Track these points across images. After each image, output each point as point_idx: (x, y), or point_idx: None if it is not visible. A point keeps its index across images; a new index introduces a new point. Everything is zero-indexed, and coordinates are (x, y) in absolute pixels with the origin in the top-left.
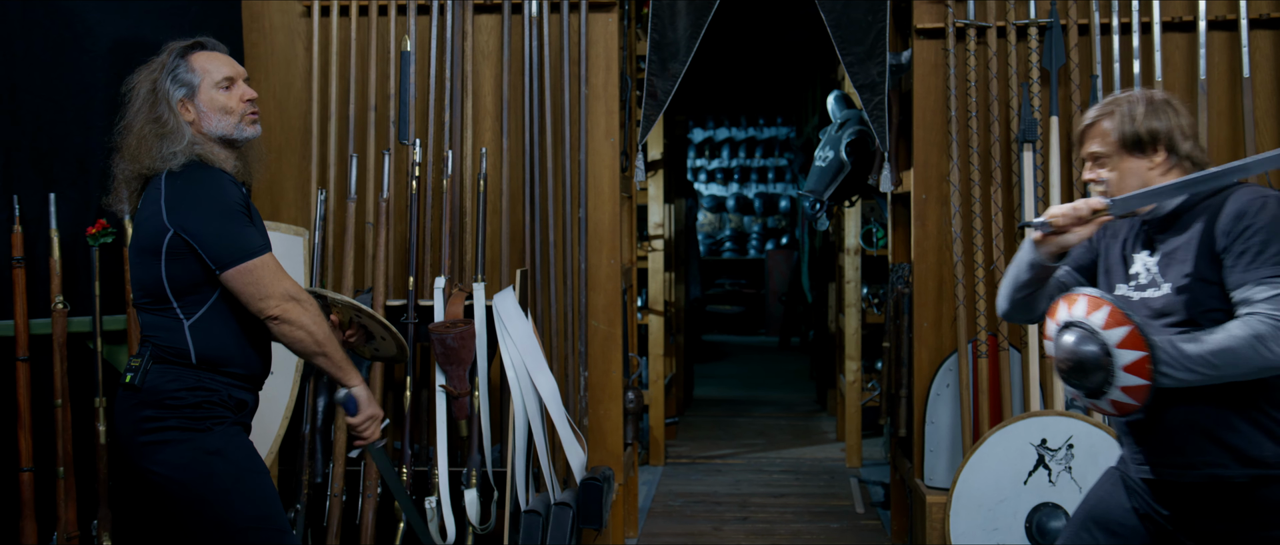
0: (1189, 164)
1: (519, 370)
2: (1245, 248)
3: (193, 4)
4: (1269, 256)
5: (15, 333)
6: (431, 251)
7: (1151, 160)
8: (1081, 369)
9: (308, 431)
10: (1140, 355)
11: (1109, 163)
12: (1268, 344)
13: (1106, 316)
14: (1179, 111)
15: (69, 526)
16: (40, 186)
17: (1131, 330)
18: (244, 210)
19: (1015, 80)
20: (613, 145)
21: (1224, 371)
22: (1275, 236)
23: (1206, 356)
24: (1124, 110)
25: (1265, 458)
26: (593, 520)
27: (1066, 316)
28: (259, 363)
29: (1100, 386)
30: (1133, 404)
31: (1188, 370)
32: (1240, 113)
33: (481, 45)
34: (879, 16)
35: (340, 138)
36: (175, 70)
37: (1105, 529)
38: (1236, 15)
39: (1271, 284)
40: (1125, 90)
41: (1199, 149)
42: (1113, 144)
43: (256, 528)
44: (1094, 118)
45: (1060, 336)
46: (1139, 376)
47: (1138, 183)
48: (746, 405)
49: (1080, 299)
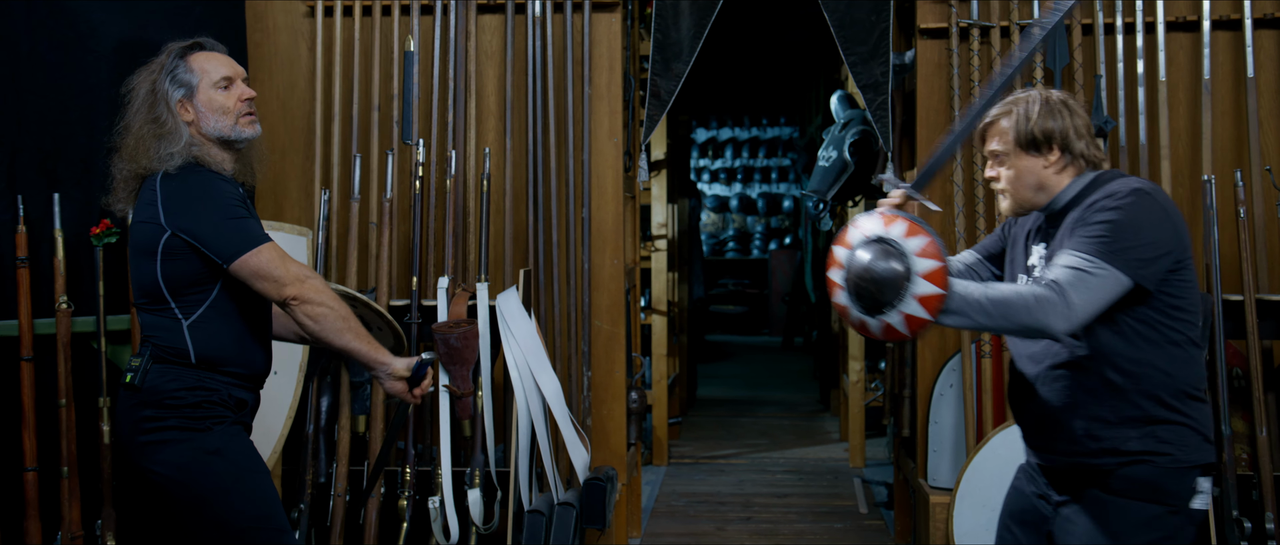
0: (1083, 163)
1: (522, 370)
2: (1086, 227)
3: (197, 4)
4: (1095, 236)
5: (19, 332)
6: (435, 251)
7: (1047, 159)
8: (878, 282)
9: (311, 431)
10: (937, 265)
11: (1006, 161)
12: (1044, 308)
13: (906, 229)
14: (1075, 112)
15: (73, 526)
16: (44, 187)
17: (929, 241)
18: (241, 205)
19: (1019, 81)
20: (616, 145)
21: (997, 321)
22: (1114, 224)
23: (985, 300)
24: (1021, 110)
25: (1126, 447)
26: (596, 520)
27: (861, 236)
28: (259, 361)
29: (893, 299)
30: (924, 318)
31: (966, 302)
32: (1244, 112)
33: (485, 45)
34: (882, 16)
35: (344, 138)
36: (174, 71)
37: (1020, 523)
38: (1240, 15)
39: (1078, 255)
40: (1027, 88)
41: (1095, 148)
42: (1010, 142)
43: (256, 527)
44: (994, 116)
45: (857, 252)
46: (935, 285)
47: (1033, 182)
48: (750, 405)
49: (874, 217)
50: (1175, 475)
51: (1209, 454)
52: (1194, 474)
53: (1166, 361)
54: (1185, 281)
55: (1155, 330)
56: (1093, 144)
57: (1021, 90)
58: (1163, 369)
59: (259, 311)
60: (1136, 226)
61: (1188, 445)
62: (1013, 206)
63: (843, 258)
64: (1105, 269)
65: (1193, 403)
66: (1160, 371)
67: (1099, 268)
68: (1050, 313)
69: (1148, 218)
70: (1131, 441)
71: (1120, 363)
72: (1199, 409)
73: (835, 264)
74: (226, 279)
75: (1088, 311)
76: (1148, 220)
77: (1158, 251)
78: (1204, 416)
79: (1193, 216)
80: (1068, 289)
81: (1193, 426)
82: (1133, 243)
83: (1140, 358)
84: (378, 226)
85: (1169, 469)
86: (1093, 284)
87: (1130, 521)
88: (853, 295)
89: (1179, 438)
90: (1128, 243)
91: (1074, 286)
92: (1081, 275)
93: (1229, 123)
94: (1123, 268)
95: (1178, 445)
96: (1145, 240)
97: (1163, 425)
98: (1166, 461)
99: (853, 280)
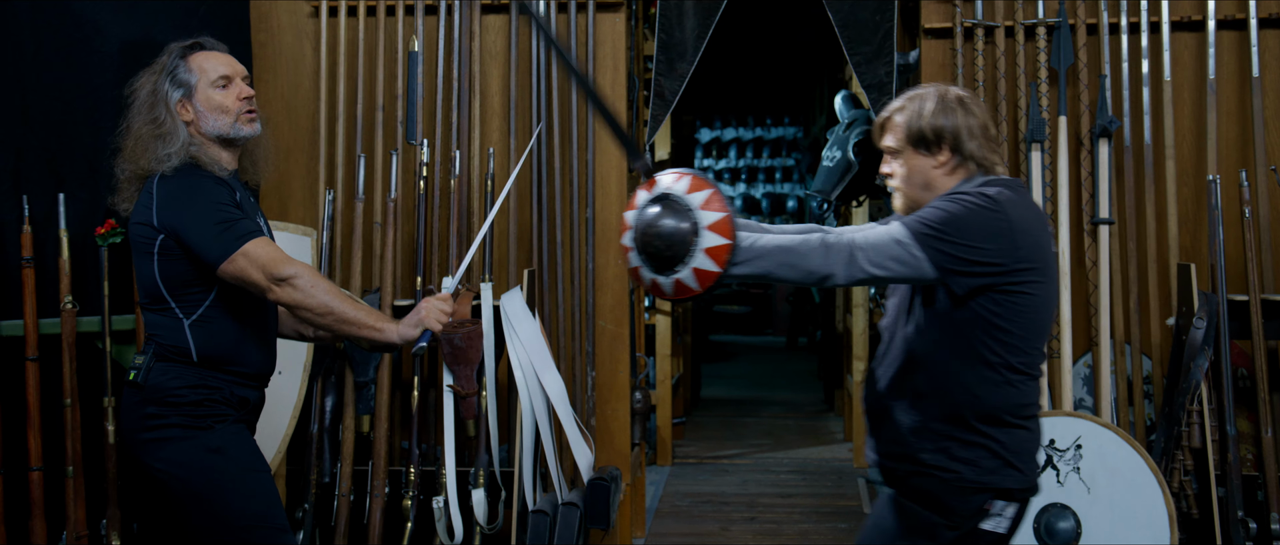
0: (973, 165)
1: (526, 370)
2: (925, 209)
3: (201, 4)
4: (923, 220)
5: (24, 332)
6: (439, 251)
7: (937, 158)
8: (666, 238)
9: (315, 431)
10: (722, 215)
11: (899, 157)
12: (829, 254)
13: (689, 184)
14: (971, 111)
15: (78, 526)
16: (50, 187)
17: (712, 193)
18: (231, 205)
19: (1023, 80)
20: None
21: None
22: (946, 216)
23: (773, 246)
24: (914, 106)
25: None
26: (600, 520)
27: (645, 196)
28: (262, 360)
29: (682, 254)
30: (714, 271)
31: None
32: (1249, 112)
33: (489, 45)
34: (887, 16)
35: (348, 138)
36: (174, 71)
37: (877, 529)
38: (1246, 15)
39: (900, 227)
40: (924, 85)
41: (990, 151)
42: (902, 139)
43: (256, 526)
44: (890, 111)
45: (644, 211)
46: (722, 236)
47: (922, 180)
48: (754, 405)
49: (663, 175)
50: (960, 494)
51: (1011, 479)
52: (985, 497)
53: (975, 381)
54: (1016, 306)
55: (969, 347)
56: (989, 146)
57: (923, 86)
58: (969, 388)
59: (262, 310)
60: (966, 226)
61: (982, 467)
62: (903, 204)
63: (630, 219)
64: (916, 251)
65: (1004, 428)
66: (966, 390)
67: (911, 246)
68: (833, 260)
69: (985, 224)
70: (925, 453)
71: (928, 373)
72: (1010, 434)
73: (625, 228)
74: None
75: (875, 272)
76: (983, 226)
77: (978, 258)
78: (1015, 441)
79: (1198, 217)
80: (859, 245)
81: (994, 450)
82: (954, 239)
83: (947, 372)
84: (382, 227)
85: (955, 486)
86: (896, 254)
87: (909, 524)
88: (643, 255)
89: (974, 458)
90: (950, 237)
91: (872, 246)
92: (890, 242)
93: (1234, 123)
94: (931, 256)
95: (970, 466)
96: (969, 242)
97: (959, 444)
98: (953, 479)
99: (640, 239)
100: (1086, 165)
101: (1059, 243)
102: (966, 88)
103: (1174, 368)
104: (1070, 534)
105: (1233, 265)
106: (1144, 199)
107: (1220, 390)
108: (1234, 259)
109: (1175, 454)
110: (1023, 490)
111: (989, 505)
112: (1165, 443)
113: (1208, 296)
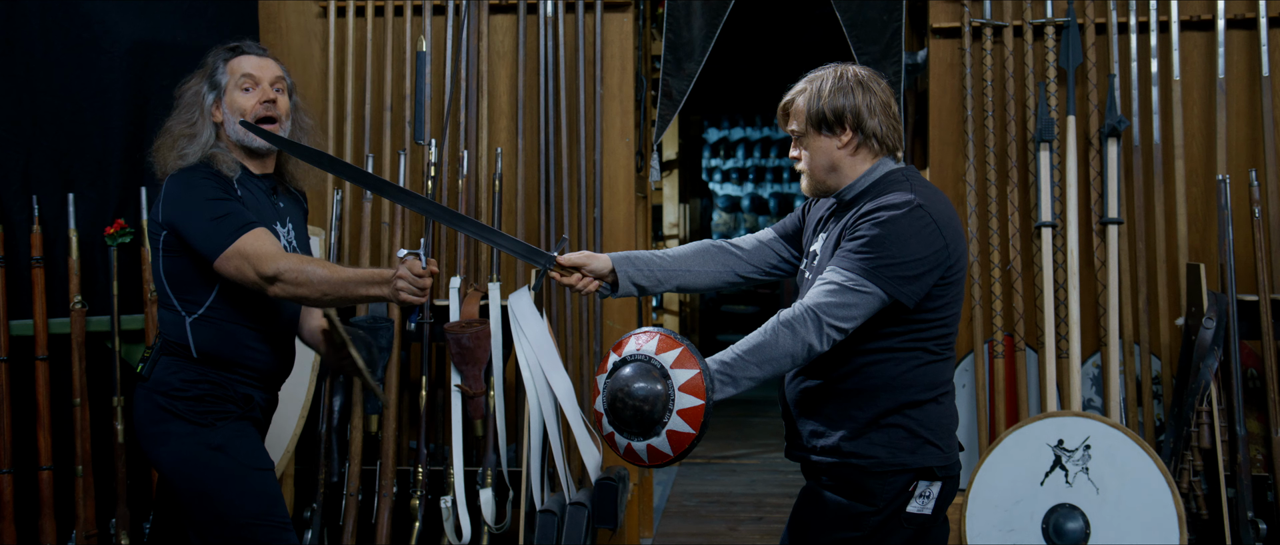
0: (875, 144)
1: (534, 370)
2: (851, 241)
3: (210, 5)
4: (858, 253)
5: (34, 332)
6: (447, 251)
7: (840, 139)
8: (639, 398)
9: (324, 431)
10: (693, 372)
11: (804, 141)
12: (797, 331)
13: (658, 342)
14: (870, 89)
15: (88, 525)
16: (59, 187)
17: (683, 350)
18: (225, 197)
19: (1032, 80)
20: (628, 145)
21: (768, 368)
22: (879, 240)
23: (742, 356)
24: (814, 87)
25: (844, 447)
26: (608, 520)
27: (617, 357)
28: (270, 361)
29: (661, 414)
30: (690, 432)
31: (730, 376)
32: (1259, 112)
33: (497, 45)
34: (895, 16)
35: (356, 138)
36: (213, 73)
37: (801, 525)
38: (1255, 14)
39: (841, 271)
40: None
41: (892, 129)
42: (804, 122)
43: (256, 523)
44: (791, 94)
45: (617, 373)
46: (695, 396)
47: (827, 162)
48: (761, 405)
49: (631, 337)
50: (879, 478)
51: (930, 457)
52: (906, 477)
53: (890, 364)
54: (945, 295)
55: (884, 332)
56: (890, 124)
57: (823, 67)
58: (883, 371)
59: (272, 310)
60: (902, 242)
61: (900, 448)
62: (811, 187)
63: (602, 383)
64: (866, 286)
65: (918, 407)
66: (880, 374)
67: (860, 284)
68: (804, 334)
69: (915, 234)
70: (844, 441)
71: (844, 361)
72: (923, 412)
73: (597, 392)
74: (226, 278)
75: (845, 325)
76: (914, 237)
77: (922, 268)
78: (929, 418)
79: (1207, 217)
80: (819, 309)
81: (910, 429)
82: (896, 260)
83: (863, 357)
84: (390, 226)
85: (874, 471)
86: (851, 300)
87: (833, 515)
88: (616, 420)
89: (890, 440)
90: (890, 260)
91: (828, 304)
92: (840, 290)
93: (1243, 122)
94: (882, 284)
95: (887, 448)
96: (909, 256)
97: (875, 428)
98: (871, 464)
99: (611, 403)
100: (1095, 165)
101: (1068, 242)
102: (974, 87)
103: (1183, 368)
104: (1079, 534)
105: (1242, 265)
106: (1153, 199)
107: (1230, 390)
108: (1244, 259)
109: (1184, 454)
110: (944, 468)
111: (913, 486)
112: (1174, 443)
113: (1217, 296)
